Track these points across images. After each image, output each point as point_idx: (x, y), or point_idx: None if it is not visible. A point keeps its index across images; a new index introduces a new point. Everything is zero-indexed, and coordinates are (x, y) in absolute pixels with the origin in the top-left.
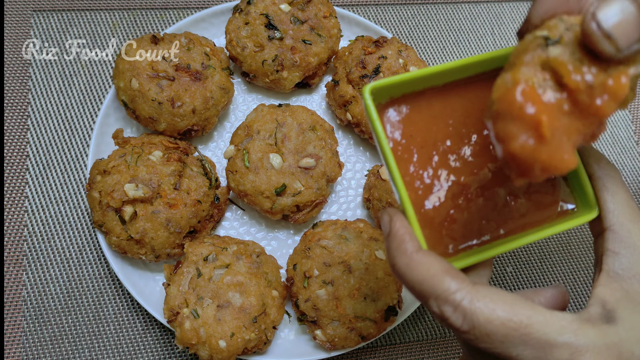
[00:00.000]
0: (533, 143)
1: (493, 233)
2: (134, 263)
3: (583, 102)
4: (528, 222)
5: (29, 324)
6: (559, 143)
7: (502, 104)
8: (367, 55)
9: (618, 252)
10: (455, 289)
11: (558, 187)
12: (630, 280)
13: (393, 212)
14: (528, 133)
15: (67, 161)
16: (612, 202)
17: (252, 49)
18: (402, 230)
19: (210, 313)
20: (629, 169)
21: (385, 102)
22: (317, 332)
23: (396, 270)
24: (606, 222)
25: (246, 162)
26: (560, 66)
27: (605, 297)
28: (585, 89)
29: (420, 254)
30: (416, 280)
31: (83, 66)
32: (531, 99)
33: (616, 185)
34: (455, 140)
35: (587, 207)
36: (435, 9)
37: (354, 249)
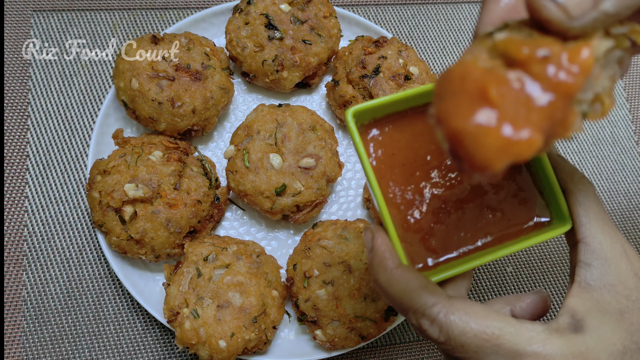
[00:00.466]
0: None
1: (471, 245)
2: (134, 263)
3: (540, 74)
4: (505, 235)
5: (29, 324)
6: (515, 116)
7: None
8: (367, 55)
9: (590, 263)
10: (432, 303)
11: (534, 201)
12: (600, 291)
13: (375, 229)
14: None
15: (67, 161)
16: (585, 216)
17: (252, 49)
18: (383, 247)
19: (210, 313)
20: (629, 169)
21: (368, 122)
22: (317, 332)
23: (378, 285)
24: (579, 234)
25: (246, 162)
26: (508, 45)
27: (576, 307)
28: (539, 59)
29: (399, 270)
30: (396, 295)
31: (83, 66)
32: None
33: (589, 199)
34: (436, 156)
35: (562, 220)
36: (435, 9)
37: (354, 249)
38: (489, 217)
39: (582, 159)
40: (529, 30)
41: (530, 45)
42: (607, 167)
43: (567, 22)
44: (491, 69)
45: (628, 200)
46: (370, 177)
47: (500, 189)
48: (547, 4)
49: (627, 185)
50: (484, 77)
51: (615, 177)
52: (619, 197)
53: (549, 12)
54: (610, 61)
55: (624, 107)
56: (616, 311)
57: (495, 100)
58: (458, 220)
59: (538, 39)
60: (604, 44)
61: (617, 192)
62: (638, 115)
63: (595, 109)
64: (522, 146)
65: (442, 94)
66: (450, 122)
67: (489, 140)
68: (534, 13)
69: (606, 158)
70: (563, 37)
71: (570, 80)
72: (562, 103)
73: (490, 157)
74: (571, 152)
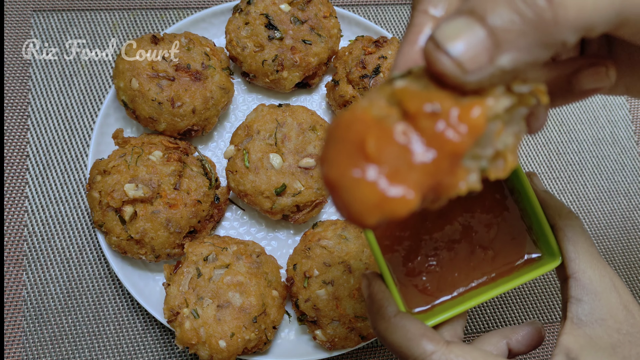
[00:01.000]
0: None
1: (465, 285)
2: (134, 263)
3: (427, 129)
4: (498, 273)
5: (29, 324)
6: (393, 172)
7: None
8: (367, 55)
9: (581, 298)
10: (431, 351)
11: (524, 238)
12: (592, 326)
13: (372, 277)
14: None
15: (67, 161)
16: (574, 251)
17: (252, 49)
18: (380, 294)
19: (210, 313)
20: (629, 169)
21: None
22: (317, 332)
23: (377, 333)
24: (569, 270)
25: (246, 162)
26: (402, 94)
27: (569, 345)
28: (428, 114)
29: (398, 318)
30: (395, 343)
31: (83, 66)
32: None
33: (577, 234)
34: None
35: (551, 255)
36: None
37: (354, 249)
38: (481, 256)
39: (582, 159)
40: (426, 80)
41: (421, 99)
42: (607, 167)
43: (462, 77)
44: (382, 118)
45: (628, 200)
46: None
47: (490, 227)
48: (441, 57)
49: (627, 185)
50: (367, 129)
51: (616, 177)
52: (619, 197)
53: (443, 65)
54: (515, 117)
55: (624, 107)
56: (608, 345)
57: (372, 154)
58: (451, 261)
59: (433, 92)
60: (501, 103)
61: (617, 192)
62: (638, 115)
63: (497, 165)
64: (396, 204)
65: (328, 139)
66: (328, 172)
67: (362, 195)
68: (429, 65)
69: (606, 158)
70: (460, 91)
71: (456, 140)
72: (448, 161)
73: (363, 212)
74: (571, 153)
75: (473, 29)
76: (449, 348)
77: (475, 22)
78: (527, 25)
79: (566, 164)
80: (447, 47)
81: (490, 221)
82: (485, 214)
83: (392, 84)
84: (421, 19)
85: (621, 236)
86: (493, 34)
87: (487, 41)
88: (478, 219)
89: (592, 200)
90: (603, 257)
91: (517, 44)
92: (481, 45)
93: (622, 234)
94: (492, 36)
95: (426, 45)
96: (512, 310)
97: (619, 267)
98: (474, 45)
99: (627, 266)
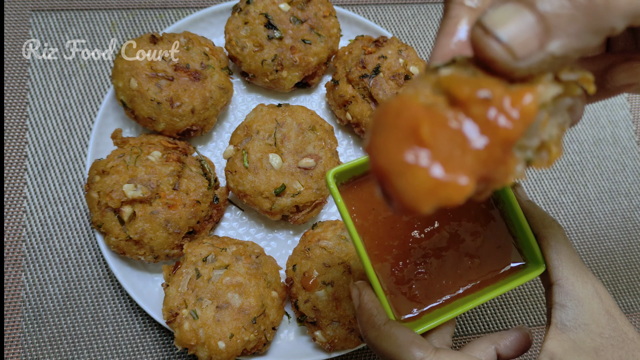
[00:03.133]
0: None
1: (453, 293)
2: (132, 264)
3: (479, 116)
4: (484, 280)
5: (28, 324)
6: (448, 158)
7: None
8: (367, 55)
9: (564, 304)
10: (420, 357)
11: (509, 246)
12: (576, 331)
13: (362, 286)
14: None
15: (65, 161)
16: (557, 259)
17: (252, 48)
18: (370, 304)
19: (209, 314)
20: (630, 169)
21: (347, 180)
22: (316, 333)
23: (367, 341)
24: (552, 277)
25: (245, 162)
26: (450, 81)
27: (554, 349)
28: (480, 100)
29: (387, 326)
30: (386, 351)
31: (82, 66)
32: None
33: (559, 242)
34: None
35: (535, 263)
36: (435, 8)
37: (354, 250)
38: (468, 264)
39: (582, 159)
40: (474, 68)
41: (472, 85)
42: (608, 168)
43: (512, 63)
44: (431, 105)
45: (629, 201)
46: (353, 234)
47: (477, 236)
48: (491, 42)
49: (627, 185)
50: (419, 114)
51: (616, 178)
52: (620, 198)
53: (493, 51)
54: (559, 108)
55: (624, 107)
56: (591, 349)
57: (426, 139)
58: (439, 268)
59: (482, 79)
60: (550, 91)
61: (618, 193)
62: (639, 116)
63: (542, 156)
64: (451, 190)
65: (376, 127)
66: (379, 159)
67: (417, 181)
68: (478, 52)
69: (607, 158)
70: (509, 79)
71: (509, 126)
72: (501, 149)
73: (418, 199)
74: (572, 153)
75: (522, 14)
76: (437, 355)
77: (524, 8)
78: (578, 11)
79: (567, 164)
80: (497, 32)
81: (477, 230)
82: (471, 222)
83: (436, 73)
84: (458, 10)
85: (622, 237)
86: (543, 20)
87: (537, 27)
88: (465, 228)
89: (593, 200)
90: (588, 265)
91: (568, 29)
92: (531, 30)
93: (623, 234)
94: (542, 22)
95: (474, 31)
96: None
97: (620, 268)
98: (524, 30)
99: (628, 267)
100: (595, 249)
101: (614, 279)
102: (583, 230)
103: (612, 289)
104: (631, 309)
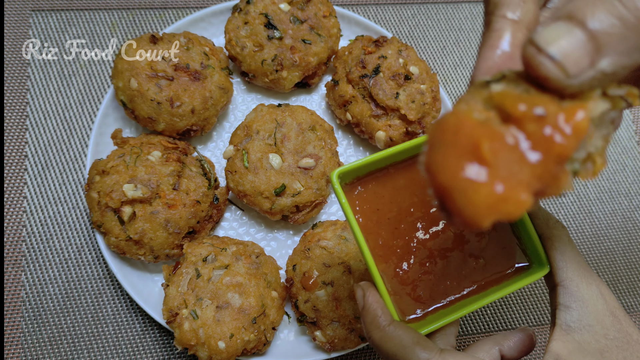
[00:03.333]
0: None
1: (457, 294)
2: (132, 264)
3: (535, 133)
4: (488, 281)
5: (28, 324)
6: (507, 174)
7: (435, 134)
8: (367, 55)
9: (569, 305)
10: (425, 358)
11: (514, 248)
12: (581, 332)
13: (366, 287)
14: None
15: (65, 161)
16: (561, 260)
17: (252, 48)
18: (374, 305)
19: (209, 314)
20: (630, 169)
21: (351, 181)
22: (316, 333)
23: (372, 342)
24: (557, 278)
25: (245, 162)
26: (504, 98)
27: (559, 350)
28: (535, 118)
29: (392, 327)
30: (390, 352)
31: (82, 66)
32: (467, 120)
33: (564, 244)
34: (419, 208)
35: (540, 264)
36: (435, 8)
37: (354, 250)
38: (473, 265)
39: None
40: (525, 85)
41: (527, 103)
42: (608, 168)
43: (565, 80)
44: (485, 121)
45: (629, 201)
46: (358, 236)
47: (481, 237)
48: (545, 61)
49: (628, 185)
50: (478, 131)
51: (617, 178)
52: (620, 198)
53: (547, 69)
54: (604, 121)
55: None
56: (596, 351)
57: (487, 156)
58: (444, 269)
59: (535, 96)
60: (600, 106)
61: (618, 193)
62: (639, 116)
63: (587, 168)
64: (512, 205)
65: (434, 144)
66: (440, 176)
67: (479, 197)
68: (530, 69)
69: (607, 158)
70: (559, 94)
71: (564, 142)
72: (555, 163)
73: (479, 214)
74: None
75: (573, 32)
76: (442, 356)
77: (575, 26)
78: (628, 30)
79: None
80: (549, 50)
81: (481, 232)
82: None
83: (487, 88)
84: (501, 23)
85: (622, 237)
86: (594, 38)
87: (588, 45)
88: (470, 230)
89: (593, 200)
90: (591, 266)
91: (618, 47)
92: (583, 48)
93: (623, 234)
94: (593, 40)
95: (526, 49)
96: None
97: (620, 268)
98: (575, 48)
99: (628, 267)
100: (595, 249)
101: (614, 279)
102: (583, 230)
103: (612, 289)
104: (632, 309)
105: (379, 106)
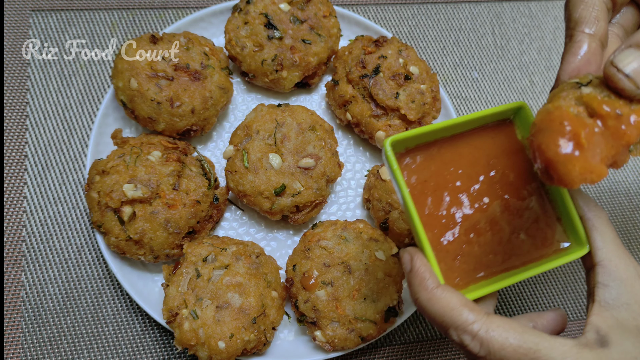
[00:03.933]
0: (571, 151)
1: (498, 267)
2: (132, 264)
3: (613, 127)
4: (528, 258)
5: (28, 324)
6: (593, 153)
7: (543, 122)
8: (367, 55)
9: (607, 284)
10: (472, 320)
11: (554, 227)
12: (619, 309)
13: (413, 252)
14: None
15: (65, 161)
16: (601, 241)
17: (252, 48)
18: (422, 268)
19: (209, 314)
20: (630, 169)
21: (400, 152)
22: (316, 333)
23: (418, 304)
24: (596, 258)
25: (245, 162)
26: (592, 100)
27: (599, 324)
28: (614, 116)
29: (440, 290)
30: (437, 313)
31: (82, 66)
32: (567, 114)
33: (603, 225)
34: (465, 181)
35: (579, 244)
36: (435, 8)
37: (354, 250)
38: (515, 241)
39: None
40: (607, 91)
41: (610, 105)
42: None
43: (635, 91)
44: (578, 115)
45: (629, 201)
46: (408, 201)
47: (523, 214)
48: (622, 77)
49: (627, 185)
50: (576, 122)
51: (617, 178)
52: (620, 198)
53: (623, 84)
54: None
55: None
56: (634, 327)
57: (583, 141)
58: (488, 241)
59: (614, 100)
60: None
61: (618, 193)
62: None
63: (638, 148)
64: (596, 174)
65: (544, 129)
66: (549, 152)
67: (574, 168)
68: (611, 82)
69: None
70: (630, 99)
71: (632, 133)
72: (623, 147)
73: (574, 179)
74: None
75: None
76: (490, 318)
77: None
78: None
79: None
80: (625, 70)
81: (524, 209)
82: (520, 201)
83: (579, 89)
84: (581, 36)
85: (622, 237)
86: None
87: None
88: (514, 206)
89: None
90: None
91: None
92: None
93: (623, 234)
94: None
95: (608, 69)
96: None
97: None
98: None
99: None
100: None
101: None
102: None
103: None
104: None
105: (379, 106)
